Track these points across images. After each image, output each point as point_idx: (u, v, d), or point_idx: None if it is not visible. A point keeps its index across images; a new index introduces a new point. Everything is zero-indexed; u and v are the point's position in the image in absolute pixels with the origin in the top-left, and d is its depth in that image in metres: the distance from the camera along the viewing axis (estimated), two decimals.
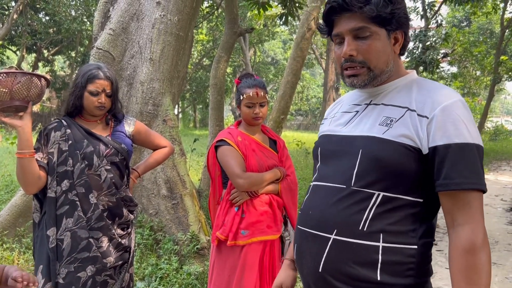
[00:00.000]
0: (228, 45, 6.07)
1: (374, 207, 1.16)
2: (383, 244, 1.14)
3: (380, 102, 1.26)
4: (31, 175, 1.94)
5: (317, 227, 1.23)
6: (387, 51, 1.23)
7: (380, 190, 1.16)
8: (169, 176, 3.87)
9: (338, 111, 1.40)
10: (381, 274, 1.13)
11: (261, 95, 2.36)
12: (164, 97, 3.90)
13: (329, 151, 1.31)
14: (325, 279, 1.19)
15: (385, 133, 1.17)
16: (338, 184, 1.22)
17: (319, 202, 1.26)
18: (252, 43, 21.73)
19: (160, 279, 3.32)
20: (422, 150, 1.14)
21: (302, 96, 33.85)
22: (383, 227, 1.15)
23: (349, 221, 1.17)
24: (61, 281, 1.99)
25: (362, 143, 1.20)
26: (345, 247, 1.17)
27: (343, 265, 1.16)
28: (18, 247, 3.65)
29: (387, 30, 1.21)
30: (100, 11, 4.09)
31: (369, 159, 1.17)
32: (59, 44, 20.55)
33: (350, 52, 1.22)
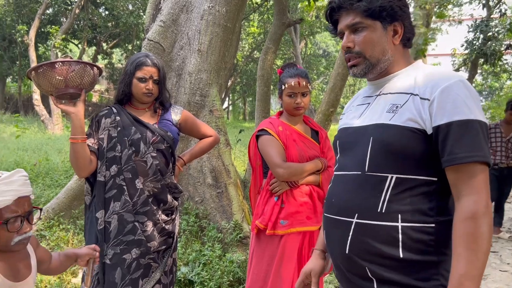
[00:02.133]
0: (276, 36, 6.05)
1: (390, 189, 1.23)
2: (402, 224, 1.20)
3: (387, 92, 1.34)
4: (82, 159, 2.05)
5: (340, 213, 1.32)
6: (382, 42, 1.33)
7: (393, 172, 1.23)
8: (214, 166, 3.95)
9: (354, 105, 1.50)
10: (403, 251, 1.20)
11: (303, 84, 2.34)
12: (211, 88, 3.97)
13: (346, 143, 1.42)
14: (352, 260, 1.27)
15: (392, 119, 1.25)
16: (354, 172, 1.31)
17: (339, 190, 1.37)
18: (303, 35, 21.48)
19: (203, 265, 3.40)
20: (427, 131, 1.20)
21: (354, 89, 33.09)
22: (400, 207, 1.21)
23: (368, 204, 1.25)
24: (108, 262, 2.09)
25: (372, 131, 1.29)
26: (367, 229, 1.25)
27: (367, 245, 1.24)
28: (72, 228, 3.89)
29: (381, 23, 1.32)
30: (152, 4, 4.22)
31: (379, 144, 1.25)
32: (117, 37, 21.43)
33: (347, 44, 1.36)
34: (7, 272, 1.43)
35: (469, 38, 11.04)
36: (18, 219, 1.40)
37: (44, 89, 1.97)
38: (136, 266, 2.11)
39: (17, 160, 7.56)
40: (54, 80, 1.91)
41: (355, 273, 1.29)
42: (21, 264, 1.51)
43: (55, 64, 1.90)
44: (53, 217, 3.94)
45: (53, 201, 4.13)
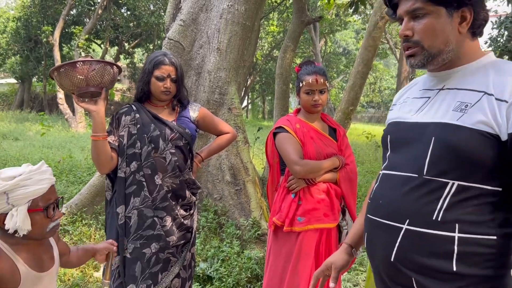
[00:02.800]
0: (295, 34, 6.06)
1: (449, 197, 1.11)
2: (459, 235, 1.10)
3: (453, 87, 1.20)
4: (104, 156, 2.10)
5: (388, 216, 1.22)
6: (445, 30, 1.18)
7: (455, 179, 1.11)
8: (233, 163, 3.98)
9: (409, 97, 1.36)
10: (457, 264, 1.10)
11: (321, 82, 2.34)
12: (230, 86, 4.00)
13: (399, 139, 1.29)
14: (397, 268, 1.18)
15: (460, 119, 1.12)
16: (409, 173, 1.19)
17: (389, 191, 1.25)
18: (323, 33, 21.36)
19: (222, 261, 3.44)
20: (501, 137, 1.07)
21: (375, 88, 32.72)
22: (458, 217, 1.10)
23: (422, 211, 1.14)
24: (128, 256, 2.14)
25: (434, 130, 1.16)
26: (418, 237, 1.14)
27: (416, 255, 1.14)
28: (95, 224, 3.99)
29: (446, 8, 1.17)
30: (172, 3, 4.28)
31: (442, 147, 1.13)
32: (139, 37, 21.74)
33: (404, 32, 1.23)
34: (32, 263, 1.49)
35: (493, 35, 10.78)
36: (51, 206, 1.47)
37: (66, 88, 2.03)
38: (155, 260, 2.16)
39: (42, 157, 7.79)
40: (76, 79, 1.96)
41: (399, 283, 1.20)
42: (45, 255, 1.57)
43: (76, 63, 1.95)
44: (76, 213, 4.04)
45: (76, 197, 4.24)
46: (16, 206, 1.39)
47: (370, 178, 7.34)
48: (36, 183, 1.43)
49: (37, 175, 1.44)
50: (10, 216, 1.39)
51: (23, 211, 1.40)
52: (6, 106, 22.44)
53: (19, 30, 19.96)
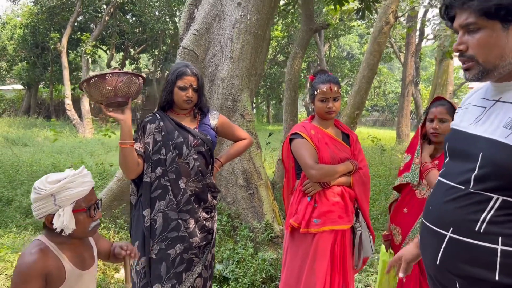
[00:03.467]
0: (304, 41, 6.19)
1: (493, 210, 1.14)
2: (502, 247, 1.12)
3: (508, 100, 1.20)
4: (131, 162, 2.23)
5: (435, 222, 1.28)
6: (500, 45, 1.17)
7: (500, 194, 1.14)
8: (245, 167, 4.10)
9: (470, 103, 1.38)
10: (499, 275, 1.12)
11: (335, 90, 2.46)
12: (242, 93, 4.13)
13: (455, 149, 1.33)
14: (443, 272, 1.24)
15: (508, 137, 1.12)
16: (456, 184, 1.24)
17: (438, 198, 1.30)
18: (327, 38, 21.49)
19: (237, 263, 3.56)
20: None
21: (379, 91, 32.78)
22: (502, 230, 1.13)
23: (465, 220, 1.18)
24: (154, 257, 2.26)
25: (483, 145, 1.18)
26: (461, 246, 1.19)
27: (459, 262, 1.19)
28: (113, 227, 4.12)
29: (501, 23, 1.16)
30: (185, 13, 4.42)
31: (489, 163, 1.15)
32: (144, 43, 21.97)
33: (458, 47, 1.24)
34: (75, 261, 1.61)
35: None
36: (92, 207, 1.60)
37: (95, 99, 2.15)
38: (179, 260, 2.28)
39: (54, 163, 7.93)
40: (105, 90, 2.08)
41: (444, 285, 1.26)
42: (87, 254, 1.69)
43: (106, 75, 2.08)
44: None
45: None
46: (62, 207, 1.52)
47: (377, 182, 7.43)
48: (80, 186, 1.56)
49: (80, 178, 1.57)
50: (57, 216, 1.52)
51: (69, 211, 1.53)
52: (13, 112, 22.67)
53: (26, 37, 20.23)
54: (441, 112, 2.37)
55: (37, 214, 1.54)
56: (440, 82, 13.18)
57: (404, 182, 2.51)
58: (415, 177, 2.43)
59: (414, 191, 2.45)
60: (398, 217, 2.52)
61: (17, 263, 1.50)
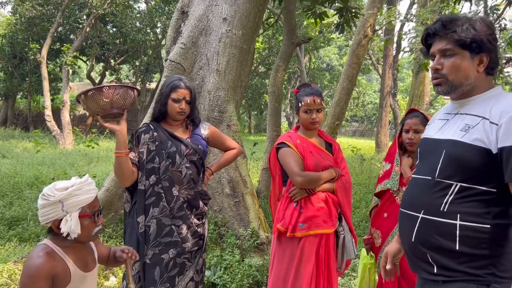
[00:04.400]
0: (286, 55, 6.39)
1: (453, 194, 1.48)
2: (460, 222, 1.45)
3: (464, 112, 1.56)
4: (126, 171, 2.33)
5: (410, 208, 1.62)
6: (467, 69, 1.54)
7: (458, 181, 1.48)
8: (232, 176, 4.23)
9: (436, 118, 1.74)
10: (459, 245, 1.45)
11: (318, 102, 2.63)
12: (228, 105, 4.27)
13: (424, 152, 1.67)
14: (417, 247, 1.56)
15: (463, 137, 1.48)
16: (426, 176, 1.58)
17: (412, 189, 1.65)
18: (307, 50, 21.91)
19: (224, 269, 3.66)
20: (492, 150, 1.42)
21: (358, 102, 33.41)
22: (459, 209, 1.46)
23: (433, 203, 1.52)
24: (148, 261, 2.35)
25: (445, 144, 1.53)
26: (430, 224, 1.52)
27: (429, 237, 1.51)
28: (101, 236, 4.16)
29: (470, 52, 1.53)
30: (172, 27, 4.55)
31: (449, 157, 1.50)
32: (125, 54, 21.92)
33: (436, 66, 1.59)
34: (79, 264, 1.71)
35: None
36: (96, 213, 1.71)
37: (91, 110, 2.25)
38: (173, 265, 2.38)
39: (36, 174, 7.87)
40: (102, 102, 2.19)
41: (419, 258, 1.57)
42: (89, 257, 1.79)
43: (103, 88, 2.19)
44: None
45: None
46: (69, 213, 1.63)
47: (358, 190, 7.63)
48: (86, 193, 1.67)
49: (86, 186, 1.68)
50: (65, 221, 1.62)
51: (76, 217, 1.63)
52: None
53: (4, 47, 19.93)
54: (415, 123, 2.56)
55: (44, 219, 1.64)
56: (417, 93, 13.59)
57: (385, 188, 2.67)
58: (395, 184, 2.60)
59: (394, 197, 2.61)
60: (378, 221, 2.68)
61: (25, 266, 1.59)
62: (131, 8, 19.52)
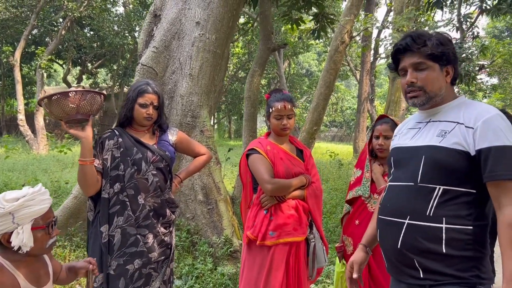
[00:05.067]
0: (262, 60, 6.36)
1: (437, 198, 1.52)
2: (446, 225, 1.50)
3: (437, 119, 1.64)
4: (90, 179, 2.23)
5: (394, 215, 1.63)
6: (440, 80, 1.64)
7: (440, 184, 1.53)
8: (205, 183, 4.15)
9: (405, 128, 1.80)
10: (445, 248, 1.49)
11: (289, 108, 2.59)
12: (201, 110, 4.20)
13: (399, 160, 1.71)
14: (403, 253, 1.57)
15: (441, 142, 1.55)
16: (408, 182, 1.61)
17: (393, 197, 1.67)
18: (286, 56, 22.00)
19: (196, 278, 3.57)
20: (470, 153, 1.49)
21: (337, 108, 33.71)
22: (445, 212, 1.51)
23: (418, 209, 1.55)
24: (112, 272, 2.26)
25: (424, 150, 1.59)
26: (416, 229, 1.55)
27: (416, 242, 1.54)
28: (69, 245, 4.02)
29: (439, 65, 1.63)
30: (144, 31, 4.46)
31: (430, 161, 1.55)
32: (102, 57, 21.57)
33: (411, 80, 1.66)
34: (31, 278, 1.61)
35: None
36: (51, 224, 1.61)
37: (54, 115, 2.14)
38: (138, 275, 2.29)
39: (6, 181, 7.61)
40: (67, 108, 2.08)
41: (405, 264, 1.58)
42: (42, 271, 1.69)
43: (69, 93, 2.09)
44: None
45: None
46: (21, 225, 1.53)
47: (334, 195, 7.64)
48: (39, 203, 1.57)
49: (39, 196, 1.58)
50: (16, 234, 1.52)
51: (28, 229, 1.54)
52: None
53: None
54: (385, 129, 2.54)
55: None
56: (394, 99, 13.76)
57: (356, 195, 2.64)
58: (366, 190, 2.58)
59: (366, 204, 2.59)
60: (350, 229, 2.65)
61: None
62: (108, 11, 19.22)
